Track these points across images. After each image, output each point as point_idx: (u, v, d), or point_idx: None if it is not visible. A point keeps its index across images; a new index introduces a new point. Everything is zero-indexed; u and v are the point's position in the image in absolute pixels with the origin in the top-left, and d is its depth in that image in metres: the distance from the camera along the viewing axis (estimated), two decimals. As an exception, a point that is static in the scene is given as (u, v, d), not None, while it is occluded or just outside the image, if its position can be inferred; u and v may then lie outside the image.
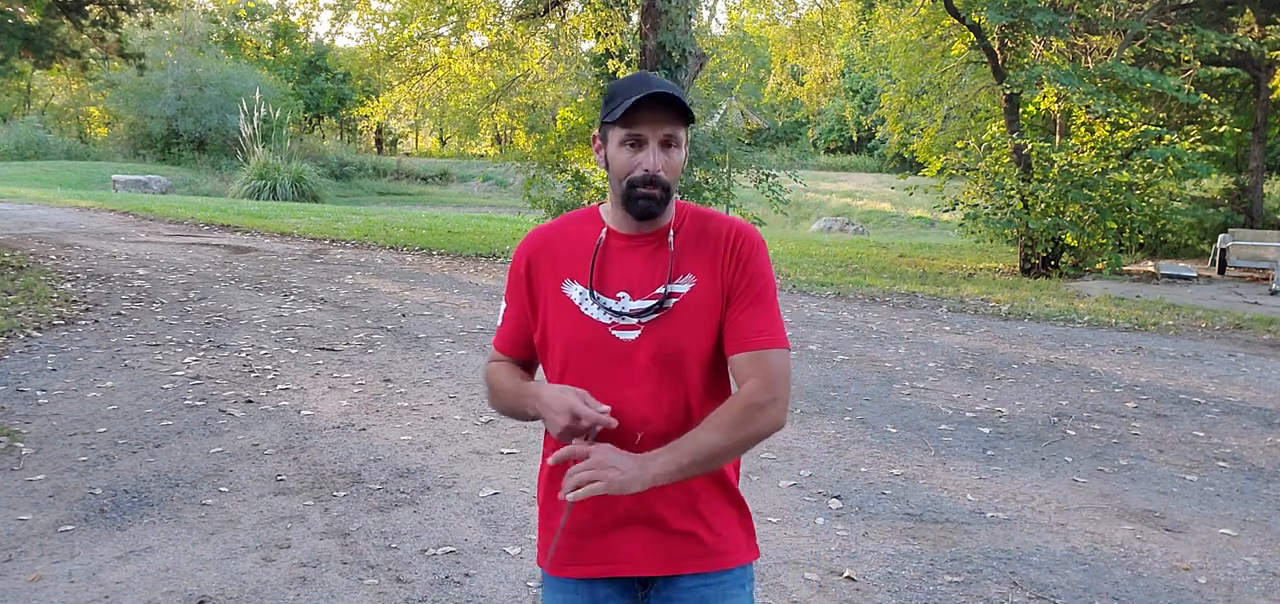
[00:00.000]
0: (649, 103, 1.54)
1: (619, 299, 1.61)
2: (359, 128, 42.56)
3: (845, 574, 3.49)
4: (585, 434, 1.54)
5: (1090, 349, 7.84)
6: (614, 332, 1.60)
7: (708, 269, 1.61)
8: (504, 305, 1.77)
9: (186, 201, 19.92)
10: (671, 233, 1.64)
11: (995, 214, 13.36)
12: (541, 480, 1.73)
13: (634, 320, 1.59)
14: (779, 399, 1.56)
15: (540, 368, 1.77)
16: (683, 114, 1.57)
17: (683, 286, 1.60)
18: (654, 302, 1.59)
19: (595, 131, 1.65)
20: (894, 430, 5.34)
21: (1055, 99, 13.96)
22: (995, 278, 12.88)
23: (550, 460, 1.53)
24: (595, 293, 1.62)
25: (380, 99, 16.06)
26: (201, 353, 6.51)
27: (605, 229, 1.66)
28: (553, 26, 14.30)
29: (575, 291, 1.64)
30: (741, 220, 1.68)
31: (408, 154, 43.63)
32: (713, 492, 1.64)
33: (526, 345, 1.74)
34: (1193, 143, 14.05)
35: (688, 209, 1.68)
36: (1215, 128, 16.76)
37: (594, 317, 1.61)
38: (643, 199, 1.57)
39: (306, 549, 3.55)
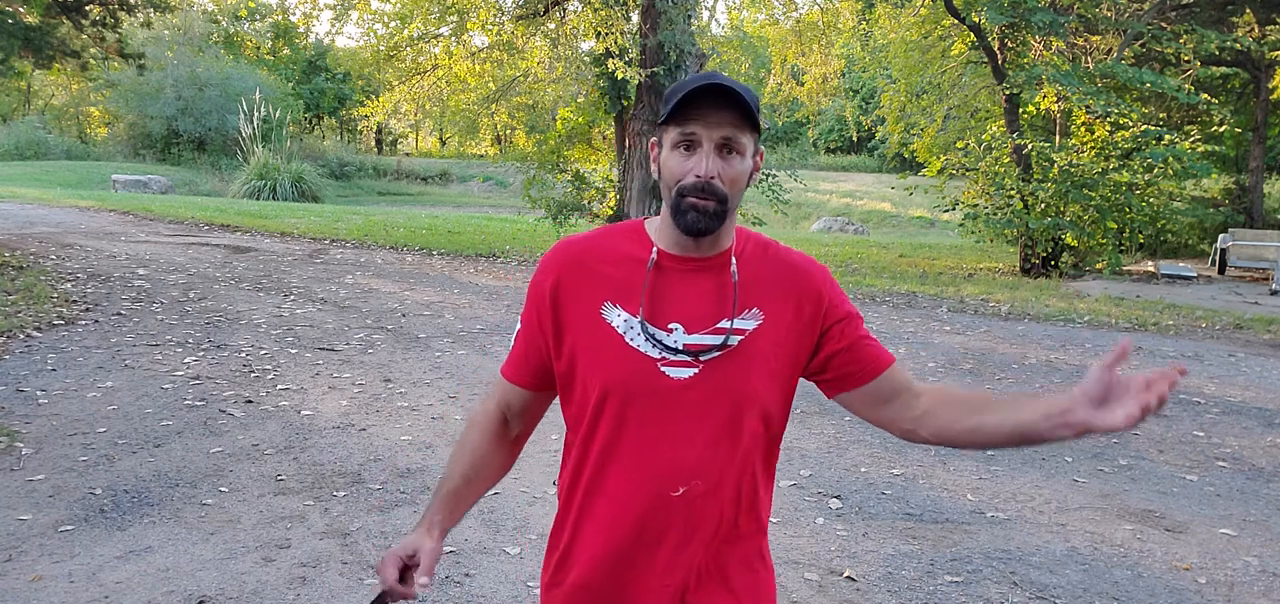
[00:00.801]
0: (705, 96, 1.32)
1: (671, 331, 1.39)
2: (359, 128, 42.55)
3: (845, 574, 3.49)
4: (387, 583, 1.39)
5: (1090, 349, 7.84)
6: (664, 368, 1.38)
7: (777, 310, 1.42)
8: (518, 326, 1.52)
9: (186, 201, 19.92)
10: (734, 260, 1.42)
11: (995, 214, 13.36)
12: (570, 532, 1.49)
13: (689, 358, 1.38)
14: None
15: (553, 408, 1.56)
16: (746, 116, 1.34)
17: (749, 323, 1.40)
18: (717, 337, 1.38)
19: (653, 139, 1.44)
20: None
21: (1055, 99, 13.97)
22: (995, 278, 12.88)
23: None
24: (645, 323, 1.39)
25: (380, 99, 16.06)
26: (201, 353, 6.51)
27: (656, 249, 1.42)
28: (553, 26, 14.29)
29: (618, 319, 1.40)
30: (809, 256, 1.50)
31: (408, 154, 43.62)
32: (747, 562, 1.46)
33: (539, 376, 1.50)
34: (1193, 143, 14.05)
35: (749, 237, 1.48)
36: (1215, 128, 16.77)
37: (641, 349, 1.38)
38: (691, 211, 1.34)
39: (306, 549, 3.55)
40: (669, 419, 1.38)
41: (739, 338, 1.39)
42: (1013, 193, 13.11)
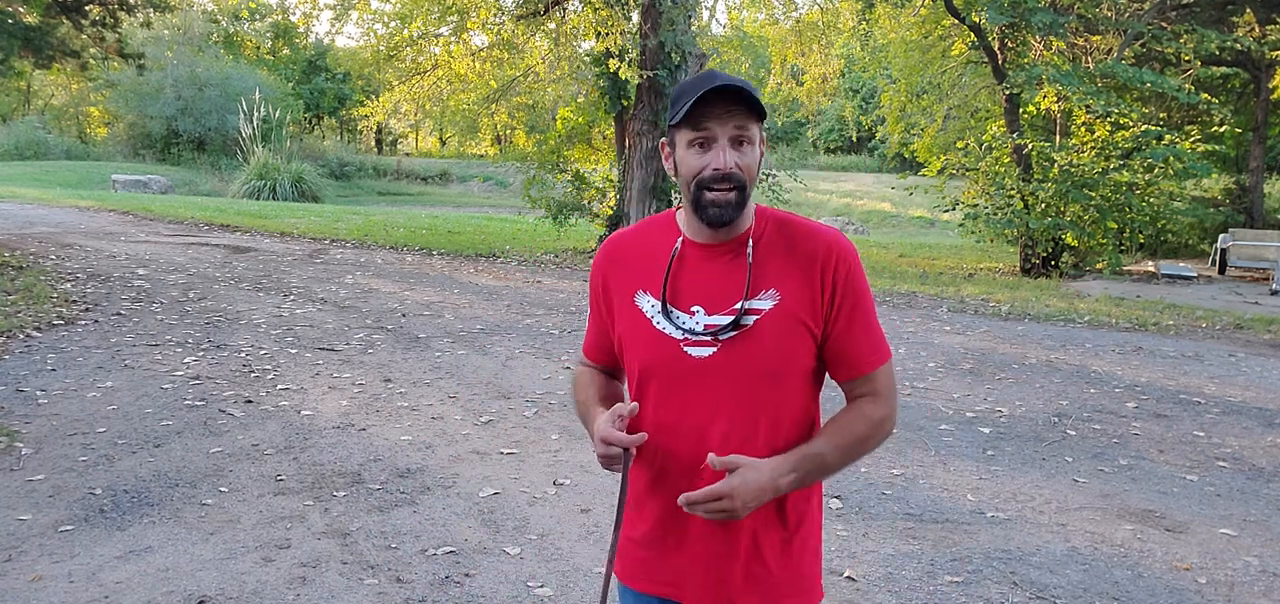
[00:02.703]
0: (715, 97, 1.45)
1: (693, 313, 1.52)
2: (359, 128, 42.54)
3: (845, 574, 3.49)
4: (617, 461, 1.52)
5: (1090, 349, 7.84)
6: (686, 348, 1.51)
7: (795, 285, 1.51)
8: (588, 313, 1.72)
9: (186, 201, 19.92)
10: (751, 242, 1.54)
11: (995, 214, 13.36)
12: (631, 492, 1.63)
13: (708, 337, 1.50)
14: (891, 413, 1.59)
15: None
16: (753, 108, 1.46)
17: (764, 303, 1.51)
18: (731, 318, 1.50)
19: (663, 139, 1.56)
20: (894, 430, 5.33)
21: (1055, 99, 13.96)
22: (995, 278, 12.88)
23: (681, 502, 1.43)
24: (668, 306, 1.54)
25: (380, 99, 16.06)
26: (201, 353, 6.51)
27: (681, 238, 1.57)
28: (553, 26, 14.28)
29: (647, 304, 1.56)
30: (828, 228, 1.57)
31: (408, 154, 43.66)
32: (782, 529, 1.55)
33: (610, 353, 1.69)
34: (1193, 143, 14.05)
35: (769, 215, 1.58)
36: (1215, 128, 16.76)
37: (666, 331, 1.53)
38: (713, 205, 1.47)
39: (306, 549, 3.54)
40: (695, 395, 1.51)
41: (754, 318, 1.50)
42: (1013, 193, 13.11)
